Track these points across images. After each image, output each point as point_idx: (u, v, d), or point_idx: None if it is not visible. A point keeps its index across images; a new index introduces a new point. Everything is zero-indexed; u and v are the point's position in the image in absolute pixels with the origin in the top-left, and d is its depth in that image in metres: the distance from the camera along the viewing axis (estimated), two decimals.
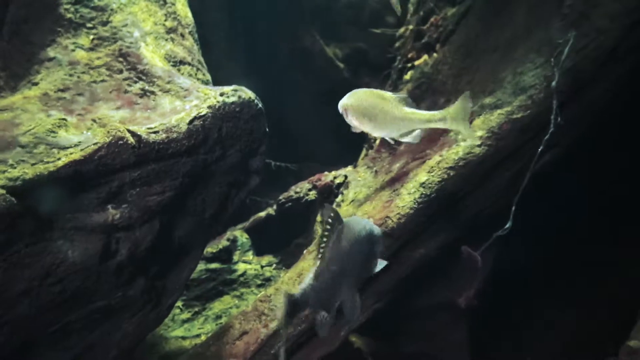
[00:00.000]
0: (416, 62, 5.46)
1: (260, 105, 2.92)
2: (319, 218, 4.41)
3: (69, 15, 2.99)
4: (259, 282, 4.27)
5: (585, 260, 3.56)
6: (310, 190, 4.37)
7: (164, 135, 2.46)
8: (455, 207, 3.32)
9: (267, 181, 3.64)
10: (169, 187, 2.55)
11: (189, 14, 3.62)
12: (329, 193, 4.48)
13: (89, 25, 3.03)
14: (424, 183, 3.27)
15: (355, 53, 7.28)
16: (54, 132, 2.27)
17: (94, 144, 2.28)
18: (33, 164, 2.13)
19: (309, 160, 6.00)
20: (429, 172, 3.32)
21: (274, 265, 4.38)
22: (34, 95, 2.69)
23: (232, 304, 4.10)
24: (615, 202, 3.55)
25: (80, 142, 2.30)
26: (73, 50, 2.94)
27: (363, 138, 7.07)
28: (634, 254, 3.44)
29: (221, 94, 2.73)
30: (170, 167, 2.52)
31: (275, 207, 4.46)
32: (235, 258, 4.36)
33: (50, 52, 2.89)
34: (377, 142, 5.00)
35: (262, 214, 4.60)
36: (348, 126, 5.85)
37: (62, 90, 2.78)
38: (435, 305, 3.79)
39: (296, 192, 4.38)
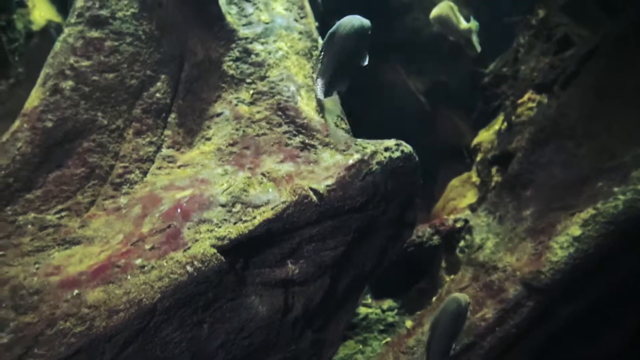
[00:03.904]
0: (530, 104, 5.36)
1: (417, 158, 2.93)
2: (443, 264, 4.34)
3: (231, 72, 3.16)
4: (381, 327, 4.23)
5: None
6: (433, 235, 4.32)
7: (341, 193, 2.51)
8: (614, 263, 3.17)
9: None
10: (341, 243, 2.58)
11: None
12: (452, 238, 4.41)
13: (248, 80, 3.18)
14: (578, 237, 3.15)
15: (435, 86, 7.26)
16: (245, 190, 2.37)
17: (283, 202, 2.36)
18: (234, 223, 2.23)
19: None
20: (582, 225, 3.19)
21: (396, 310, 4.33)
22: (209, 151, 2.84)
23: (356, 349, 4.07)
24: None
25: (269, 200, 2.38)
26: (236, 105, 3.09)
27: (442, 164, 6.94)
28: None
29: (386, 149, 2.77)
30: (344, 223, 2.56)
31: None
32: None
33: (218, 108, 3.05)
34: (496, 185, 4.89)
35: None
36: (429, 159, 5.87)
37: (232, 145, 2.91)
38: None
39: (418, 237, 4.34)
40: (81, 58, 2.63)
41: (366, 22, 2.35)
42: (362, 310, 4.34)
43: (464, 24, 3.29)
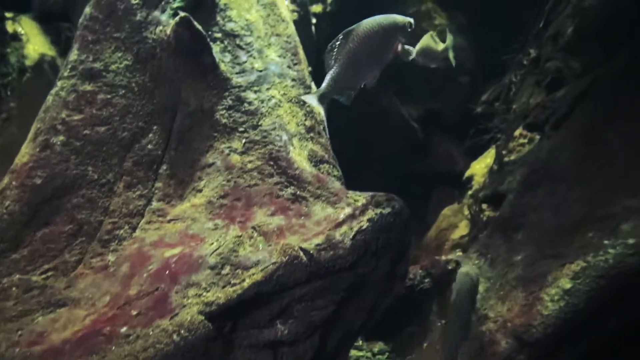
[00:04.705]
0: (522, 140, 5.42)
1: (408, 212, 2.93)
2: (434, 308, 4.32)
3: (224, 121, 3.16)
4: None
5: None
6: (424, 278, 4.31)
7: (331, 253, 2.50)
8: (606, 317, 3.16)
9: None
10: (331, 302, 2.56)
11: (321, 109, 3.74)
12: (443, 281, 4.40)
13: (240, 129, 3.18)
14: (569, 290, 3.14)
15: (428, 113, 7.32)
16: (235, 251, 2.35)
17: (272, 263, 2.34)
18: (223, 287, 2.21)
19: None
20: (573, 278, 3.19)
21: (387, 354, 4.28)
22: (199, 204, 2.82)
23: None
24: None
25: (259, 260, 2.36)
26: (228, 155, 3.09)
27: (435, 190, 6.96)
28: None
29: (377, 205, 2.77)
30: (334, 283, 2.55)
31: None
32: None
33: (210, 158, 3.05)
34: (487, 224, 4.90)
35: None
36: (422, 185, 5.90)
37: (223, 197, 2.90)
38: None
39: (410, 280, 4.32)
40: (73, 112, 2.63)
41: (399, 18, 2.35)
42: (353, 352, 4.30)
43: (441, 45, 3.38)
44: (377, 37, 2.36)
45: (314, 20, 6.08)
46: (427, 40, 3.51)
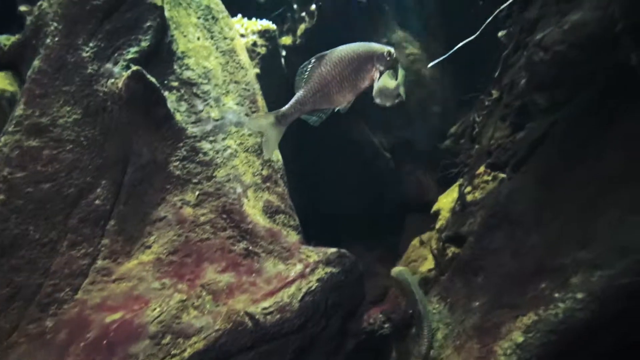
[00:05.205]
0: (486, 177, 5.49)
1: (360, 268, 2.93)
2: (394, 354, 4.29)
3: (177, 172, 3.13)
4: None
5: None
6: (384, 322, 4.28)
7: (278, 316, 2.47)
8: None
9: None
10: None
11: (279, 156, 3.74)
12: (403, 325, 4.38)
13: (194, 180, 3.15)
14: (521, 344, 3.16)
15: (400, 143, 7.38)
16: (178, 317, 2.30)
17: (216, 330, 2.30)
18: (162, 359, 2.15)
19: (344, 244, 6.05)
20: (525, 332, 3.21)
21: None
22: (147, 261, 2.77)
23: None
24: None
25: (202, 327, 2.32)
26: (180, 208, 3.05)
27: (407, 218, 6.96)
28: None
29: (327, 263, 2.75)
30: (281, 346, 2.52)
31: None
32: None
33: (161, 212, 3.00)
34: (449, 266, 4.92)
35: None
36: (394, 214, 5.84)
37: (173, 253, 2.86)
38: None
39: (369, 324, 4.28)
40: (15, 169, 2.56)
41: (377, 46, 2.36)
42: None
43: (394, 83, 3.40)
44: (351, 63, 2.36)
45: (283, 53, 6.10)
46: (384, 80, 3.55)
